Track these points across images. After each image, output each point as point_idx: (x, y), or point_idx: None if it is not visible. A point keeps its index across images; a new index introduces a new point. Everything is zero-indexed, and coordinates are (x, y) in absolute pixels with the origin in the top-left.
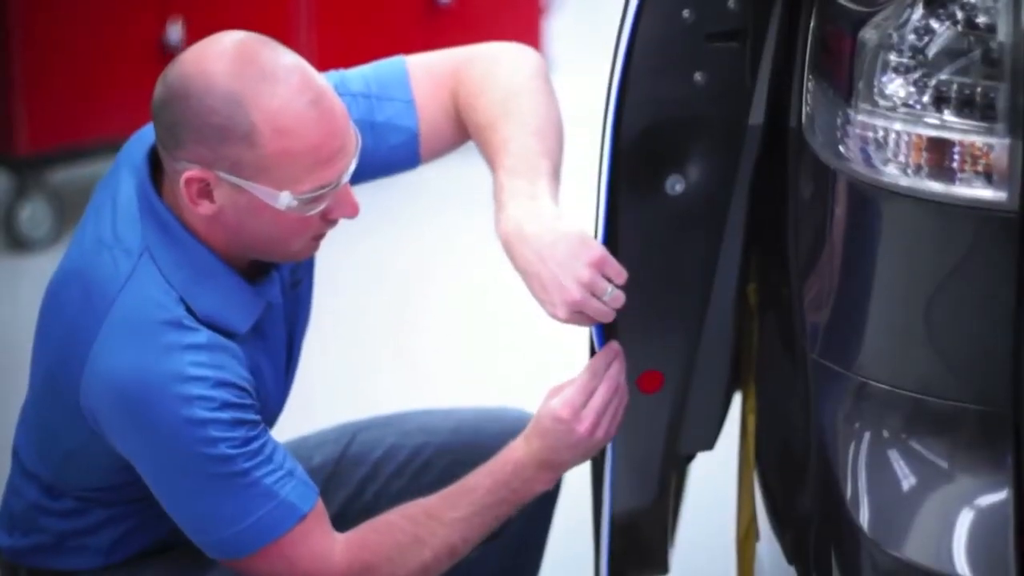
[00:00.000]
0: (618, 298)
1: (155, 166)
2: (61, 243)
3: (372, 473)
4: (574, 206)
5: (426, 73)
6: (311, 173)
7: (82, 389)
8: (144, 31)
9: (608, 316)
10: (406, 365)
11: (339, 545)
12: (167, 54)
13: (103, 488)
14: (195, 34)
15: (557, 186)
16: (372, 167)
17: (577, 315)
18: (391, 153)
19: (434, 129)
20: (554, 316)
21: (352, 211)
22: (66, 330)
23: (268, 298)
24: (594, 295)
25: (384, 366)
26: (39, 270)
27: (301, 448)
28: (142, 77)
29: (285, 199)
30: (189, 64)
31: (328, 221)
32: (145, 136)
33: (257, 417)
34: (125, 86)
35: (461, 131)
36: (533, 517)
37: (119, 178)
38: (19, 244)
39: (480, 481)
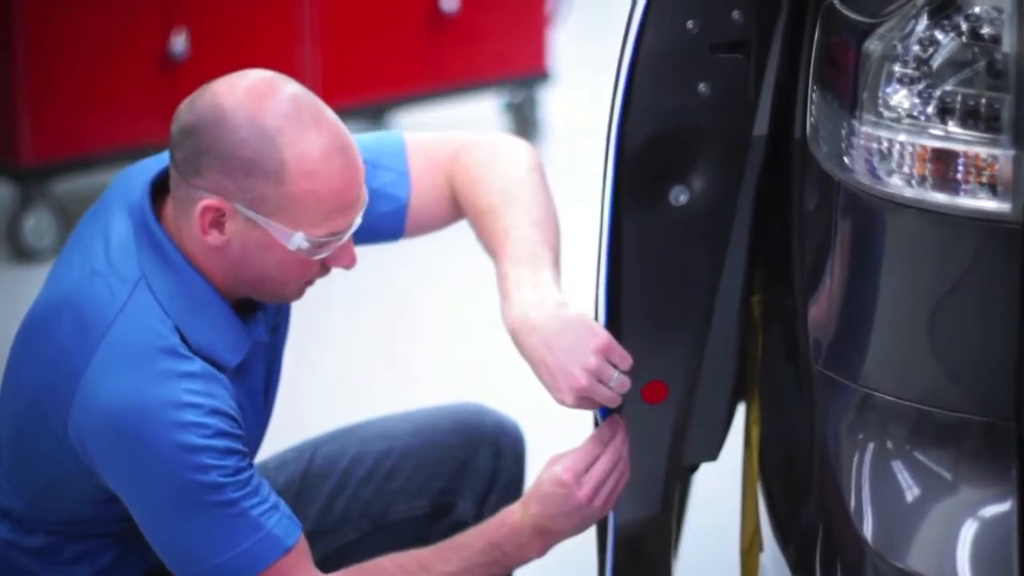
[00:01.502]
0: (624, 383)
1: (155, 196)
2: None
3: (340, 484)
4: (578, 219)
5: (423, 150)
6: (328, 218)
7: (71, 415)
8: (148, 42)
9: (614, 401)
10: (401, 378)
11: None
12: (171, 65)
13: (80, 521)
14: (199, 45)
15: (559, 277)
16: (355, 231)
17: (584, 400)
18: (377, 221)
19: (423, 205)
20: (561, 402)
21: (350, 262)
22: (56, 357)
23: (256, 336)
24: (600, 381)
25: (379, 379)
26: (43, 281)
27: (262, 472)
28: (146, 88)
29: (298, 240)
30: (223, 95)
31: (324, 268)
32: (136, 173)
33: (246, 449)
34: (129, 97)
35: (451, 213)
36: None
37: (110, 214)
38: (23, 255)
39: (473, 540)
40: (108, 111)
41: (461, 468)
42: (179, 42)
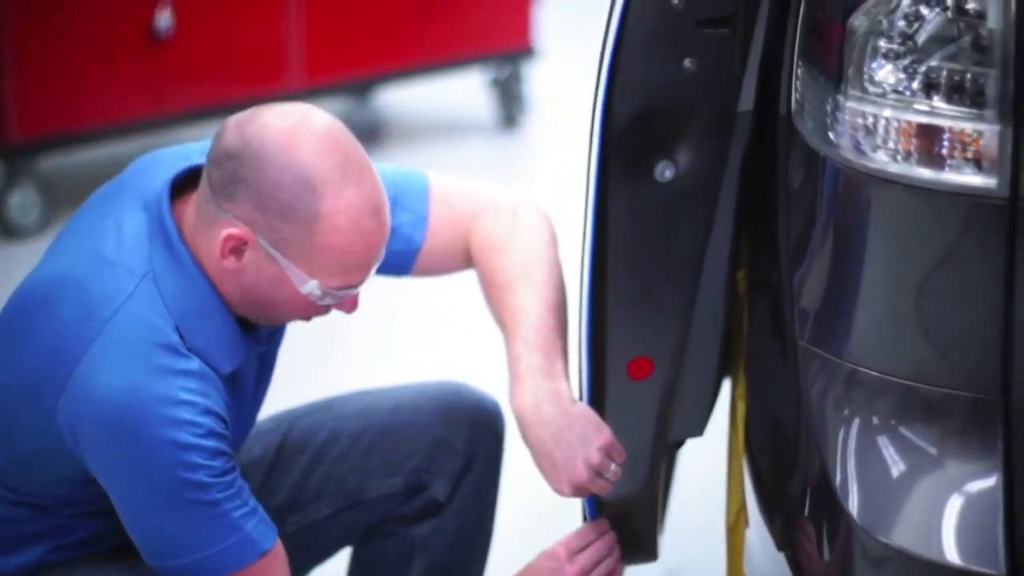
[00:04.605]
0: (618, 473)
1: (174, 191)
2: (50, 230)
3: (316, 459)
4: (563, 195)
5: (446, 199)
6: (346, 273)
7: (62, 399)
8: (133, 18)
9: (607, 490)
10: (383, 356)
11: None
12: (156, 41)
13: (49, 496)
14: (184, 21)
15: (567, 365)
16: None
17: (580, 490)
18: (387, 257)
19: (435, 252)
20: (558, 492)
21: (351, 309)
22: (54, 337)
23: (254, 348)
24: (598, 474)
25: (361, 356)
26: (29, 257)
27: None
28: (132, 64)
29: (311, 286)
30: (274, 130)
31: (326, 308)
32: (156, 168)
33: (232, 451)
34: (115, 73)
35: (461, 264)
36: (481, 484)
37: (124, 205)
38: (8, 231)
39: None
40: (93, 88)
41: (437, 447)
42: (164, 18)
